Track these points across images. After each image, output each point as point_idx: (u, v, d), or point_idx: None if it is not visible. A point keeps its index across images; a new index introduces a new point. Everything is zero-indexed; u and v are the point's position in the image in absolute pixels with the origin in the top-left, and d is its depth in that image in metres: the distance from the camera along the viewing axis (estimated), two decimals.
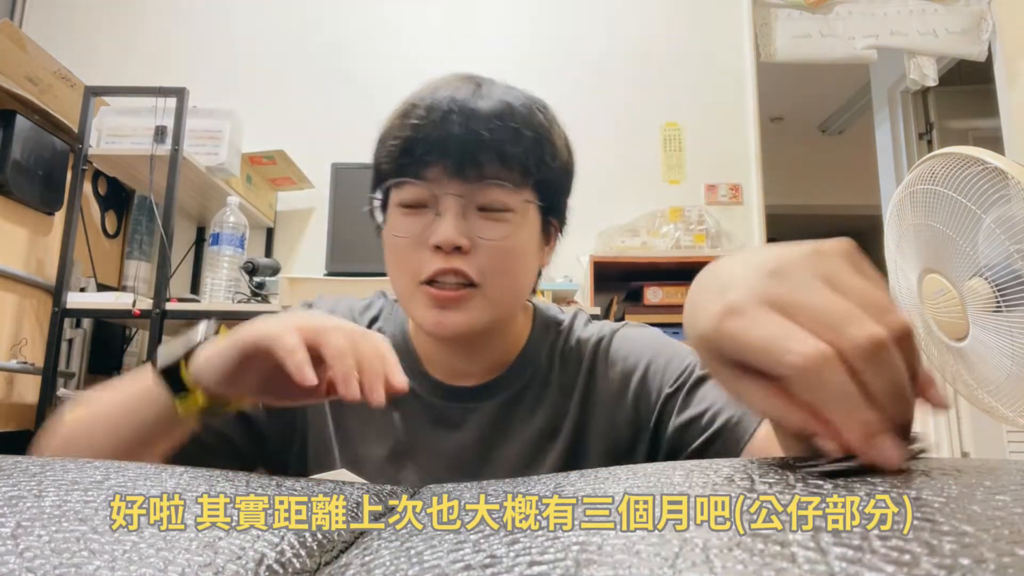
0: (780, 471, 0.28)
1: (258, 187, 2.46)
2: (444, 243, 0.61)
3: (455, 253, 0.61)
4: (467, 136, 0.61)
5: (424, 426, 0.69)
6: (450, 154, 0.61)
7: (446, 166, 0.61)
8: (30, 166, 1.91)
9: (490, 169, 0.62)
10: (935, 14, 2.76)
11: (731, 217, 2.61)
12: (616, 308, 2.47)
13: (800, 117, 4.53)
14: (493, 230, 0.62)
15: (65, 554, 0.19)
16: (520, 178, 0.63)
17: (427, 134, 0.62)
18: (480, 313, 0.63)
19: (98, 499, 0.26)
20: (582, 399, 0.70)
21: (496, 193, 0.62)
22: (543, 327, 0.74)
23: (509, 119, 0.62)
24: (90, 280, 2.18)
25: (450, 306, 0.62)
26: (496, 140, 0.61)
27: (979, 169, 1.10)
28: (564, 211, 0.71)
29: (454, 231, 0.61)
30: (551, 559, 0.17)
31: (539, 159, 0.64)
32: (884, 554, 0.15)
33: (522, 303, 0.71)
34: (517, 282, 0.66)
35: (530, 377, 0.71)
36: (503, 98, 0.63)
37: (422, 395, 0.70)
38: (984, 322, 1.16)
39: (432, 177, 0.62)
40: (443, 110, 0.62)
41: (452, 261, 0.61)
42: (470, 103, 0.62)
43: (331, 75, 2.66)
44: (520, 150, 0.62)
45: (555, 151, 0.66)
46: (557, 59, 2.74)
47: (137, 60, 2.71)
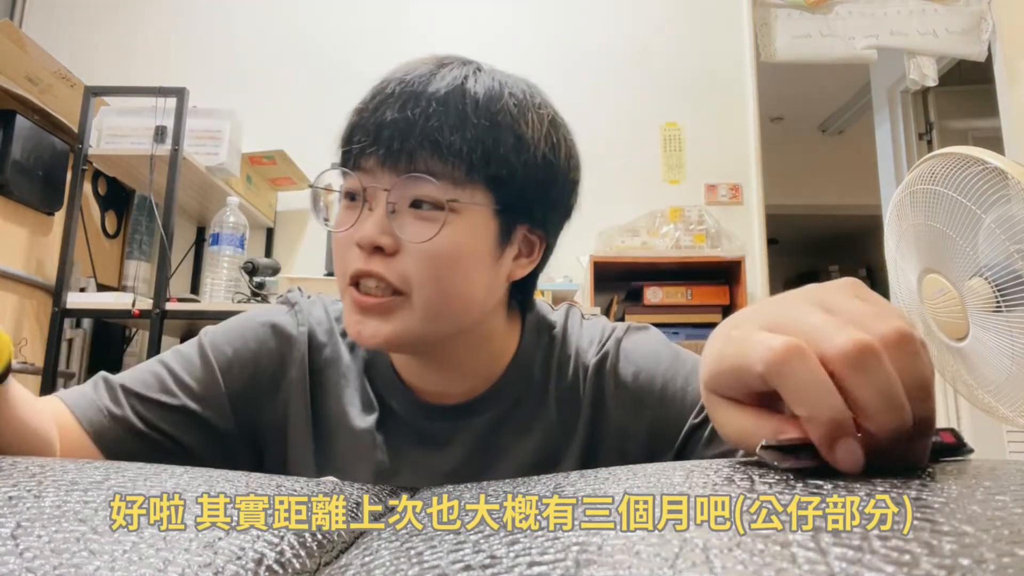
0: (780, 471, 0.28)
1: (258, 187, 2.46)
2: (363, 242, 0.54)
3: (377, 254, 0.55)
4: (399, 122, 0.54)
5: (409, 446, 0.63)
6: (380, 142, 0.54)
7: (378, 156, 0.55)
8: (30, 166, 1.91)
9: (422, 161, 0.54)
10: (935, 14, 2.76)
11: (731, 217, 2.61)
12: (616, 308, 2.47)
13: (800, 117, 4.53)
14: (417, 230, 0.54)
15: (65, 554, 0.19)
16: (462, 174, 0.54)
17: (363, 119, 0.56)
18: (406, 325, 0.56)
19: (98, 499, 0.26)
20: (591, 422, 0.63)
21: (425, 189, 0.54)
22: (534, 333, 0.67)
23: (454, 103, 0.54)
24: (90, 280, 2.18)
25: (371, 314, 0.55)
26: (431, 127, 0.53)
27: (979, 169, 1.10)
28: (543, 217, 0.61)
29: (373, 228, 0.54)
30: (551, 559, 0.17)
31: (491, 152, 0.55)
32: (884, 554, 0.15)
33: (472, 315, 0.60)
34: (454, 291, 0.57)
35: (523, 390, 0.64)
36: (458, 80, 0.56)
37: (402, 414, 0.64)
38: (984, 322, 1.16)
39: (367, 167, 0.56)
40: (385, 93, 0.56)
41: (372, 263, 0.55)
42: (415, 85, 0.55)
43: (331, 75, 2.66)
44: (460, 139, 0.54)
45: (522, 144, 0.57)
46: (557, 59, 2.74)
47: (137, 60, 2.71)
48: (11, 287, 1.94)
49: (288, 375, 0.65)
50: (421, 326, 0.56)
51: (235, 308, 1.94)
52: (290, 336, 0.66)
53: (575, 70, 2.73)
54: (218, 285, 2.02)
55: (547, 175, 0.59)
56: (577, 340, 0.67)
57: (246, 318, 0.68)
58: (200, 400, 0.62)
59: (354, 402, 0.65)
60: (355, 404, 0.65)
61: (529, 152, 0.57)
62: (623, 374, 0.63)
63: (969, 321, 1.20)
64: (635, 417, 0.62)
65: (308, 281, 1.99)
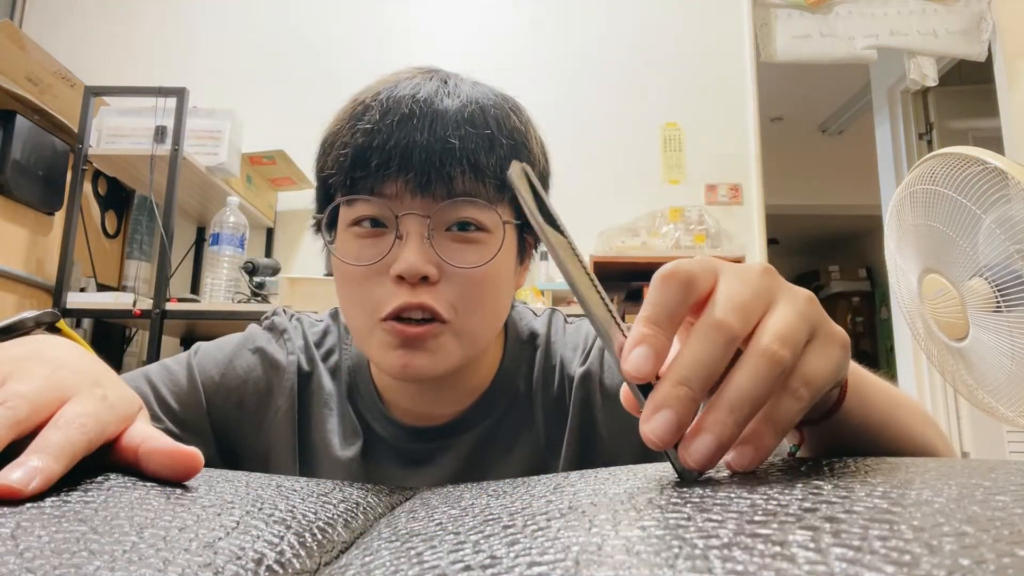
0: (780, 471, 0.28)
1: (258, 187, 2.46)
2: (408, 273, 0.51)
3: (421, 284, 0.52)
4: (433, 144, 0.51)
5: (394, 467, 0.62)
6: (412, 166, 0.51)
7: (408, 180, 0.52)
8: (30, 166, 1.91)
9: (461, 183, 0.52)
10: (935, 14, 2.76)
11: (731, 217, 2.62)
12: (616, 308, 2.47)
13: (800, 117, 4.54)
14: (467, 255, 0.53)
15: (65, 554, 0.19)
16: (495, 193, 0.54)
17: (383, 141, 0.52)
18: (451, 353, 0.54)
19: (98, 499, 0.26)
20: (579, 434, 0.61)
21: (469, 211, 0.53)
22: (517, 344, 0.65)
23: (482, 123, 0.53)
24: (90, 280, 2.18)
25: (417, 345, 0.52)
26: (467, 149, 0.52)
27: (979, 169, 1.10)
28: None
29: (419, 258, 0.51)
30: (551, 559, 0.17)
31: None
32: (884, 554, 0.15)
33: (496, 333, 0.60)
34: (493, 315, 0.57)
35: (508, 405, 0.63)
36: (473, 97, 0.55)
37: (387, 438, 0.62)
38: (984, 322, 1.16)
39: (390, 193, 0.52)
40: (402, 112, 0.52)
41: (419, 295, 0.51)
42: (435, 103, 0.53)
43: (332, 75, 2.66)
44: (495, 159, 0.53)
45: (532, 159, 0.57)
46: (557, 59, 2.74)
47: (137, 60, 2.71)
48: (11, 287, 1.94)
49: (274, 405, 0.64)
50: (461, 352, 0.55)
51: (235, 308, 1.94)
52: (279, 365, 0.64)
53: (575, 70, 2.73)
54: (218, 285, 2.02)
55: (545, 181, 0.61)
56: (561, 349, 0.65)
57: (238, 343, 0.66)
58: (182, 424, 0.61)
59: (337, 430, 0.63)
60: (338, 433, 0.63)
61: (537, 165, 0.58)
62: (609, 384, 0.61)
63: (969, 321, 1.20)
64: (624, 427, 0.60)
65: (308, 281, 1.99)
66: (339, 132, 0.55)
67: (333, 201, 0.56)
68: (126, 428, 0.32)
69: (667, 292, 0.29)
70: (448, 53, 2.71)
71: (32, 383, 0.29)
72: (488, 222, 0.54)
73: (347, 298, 0.56)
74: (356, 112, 0.55)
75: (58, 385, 0.30)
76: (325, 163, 0.56)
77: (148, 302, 1.88)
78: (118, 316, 1.99)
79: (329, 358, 0.66)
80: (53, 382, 0.30)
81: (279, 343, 0.66)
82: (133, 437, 0.31)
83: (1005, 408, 1.18)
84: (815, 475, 0.26)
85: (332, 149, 0.55)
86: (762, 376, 0.27)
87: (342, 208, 0.55)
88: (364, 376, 0.64)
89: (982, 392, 1.23)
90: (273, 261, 2.09)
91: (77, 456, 0.28)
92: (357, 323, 0.55)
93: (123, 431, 0.32)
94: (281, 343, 0.66)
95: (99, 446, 0.30)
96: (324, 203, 0.58)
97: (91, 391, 0.31)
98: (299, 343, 0.66)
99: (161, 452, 0.30)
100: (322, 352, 0.66)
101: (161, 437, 0.31)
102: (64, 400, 0.30)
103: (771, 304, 0.29)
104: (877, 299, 5.45)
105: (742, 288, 0.29)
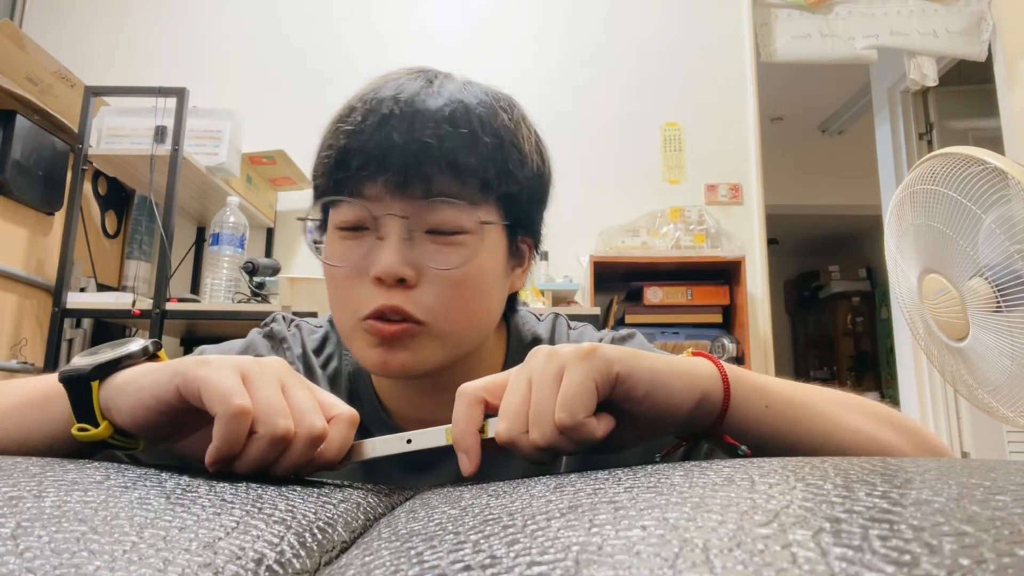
0: (781, 471, 0.28)
1: (258, 187, 2.46)
2: (385, 275, 0.51)
3: (398, 286, 0.52)
4: (411, 144, 0.51)
5: (394, 473, 0.61)
6: (391, 167, 0.51)
7: (387, 181, 0.51)
8: (30, 166, 1.91)
9: (440, 184, 0.52)
10: (935, 14, 2.76)
11: (731, 217, 2.62)
12: (616, 308, 2.47)
13: (800, 117, 4.53)
14: (445, 257, 0.53)
15: (65, 554, 0.19)
16: (478, 194, 0.53)
17: (363, 143, 0.52)
18: (432, 352, 0.54)
19: (98, 499, 0.26)
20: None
21: (448, 213, 0.52)
22: (520, 348, 0.64)
23: (464, 122, 0.52)
24: (90, 280, 2.18)
25: (395, 342, 0.53)
26: (447, 148, 0.51)
27: (979, 169, 1.10)
28: (538, 226, 0.61)
29: (396, 260, 0.51)
30: (551, 559, 0.17)
31: (502, 170, 0.54)
32: (884, 554, 0.15)
33: (486, 335, 0.60)
34: (475, 317, 0.56)
35: None
36: (457, 96, 0.54)
37: None
38: (984, 322, 1.16)
39: (371, 194, 0.52)
40: (382, 113, 0.52)
41: (393, 297, 0.52)
42: (416, 103, 0.53)
43: (331, 75, 2.66)
44: (477, 160, 0.52)
45: (523, 158, 0.56)
46: (557, 60, 2.74)
47: (137, 60, 2.71)
48: (11, 287, 1.94)
49: None
50: (444, 352, 0.55)
51: (235, 308, 1.94)
52: None
53: (575, 70, 2.73)
54: (218, 285, 2.02)
55: (540, 184, 0.60)
56: None
57: (240, 351, 0.65)
58: None
59: None
60: None
61: (528, 165, 0.57)
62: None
63: (969, 321, 1.20)
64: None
65: (308, 281, 1.99)
66: (327, 135, 0.56)
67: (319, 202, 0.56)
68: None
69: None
70: (448, 54, 2.71)
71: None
72: (468, 224, 0.53)
73: (333, 298, 0.57)
74: (342, 114, 0.55)
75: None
76: (315, 166, 0.57)
77: (148, 302, 1.88)
78: (118, 316, 1.99)
79: (328, 365, 0.66)
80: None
81: (278, 353, 0.66)
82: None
83: (1005, 408, 1.18)
84: (815, 475, 0.26)
85: (321, 152, 0.56)
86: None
87: (331, 209, 0.56)
88: (365, 383, 0.64)
89: (982, 392, 1.23)
90: (273, 261, 2.09)
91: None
92: (342, 322, 0.56)
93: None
94: (280, 352, 0.66)
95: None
96: (314, 207, 0.59)
97: None
98: (297, 351, 0.66)
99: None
100: (321, 360, 0.66)
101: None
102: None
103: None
104: (877, 299, 5.45)
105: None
